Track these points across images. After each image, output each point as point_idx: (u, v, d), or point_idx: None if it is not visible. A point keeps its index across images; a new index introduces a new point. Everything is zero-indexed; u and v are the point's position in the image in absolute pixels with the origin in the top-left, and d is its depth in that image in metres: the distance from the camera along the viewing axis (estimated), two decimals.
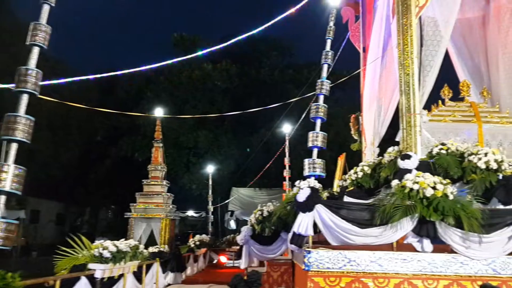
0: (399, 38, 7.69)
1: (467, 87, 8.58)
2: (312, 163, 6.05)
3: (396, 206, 5.18)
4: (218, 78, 27.31)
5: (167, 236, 13.15)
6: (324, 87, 6.37)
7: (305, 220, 5.39)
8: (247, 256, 7.84)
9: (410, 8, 7.61)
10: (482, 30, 9.60)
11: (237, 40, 9.28)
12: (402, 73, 7.48)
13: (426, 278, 5.15)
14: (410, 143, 7.16)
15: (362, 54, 10.70)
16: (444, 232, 5.15)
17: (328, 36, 6.75)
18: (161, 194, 13.84)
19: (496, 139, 7.79)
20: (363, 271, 5.20)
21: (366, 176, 7.60)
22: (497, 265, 5.18)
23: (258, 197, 23.76)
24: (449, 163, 6.39)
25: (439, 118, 7.92)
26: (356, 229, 5.31)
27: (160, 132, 14.75)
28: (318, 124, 6.23)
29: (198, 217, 29.11)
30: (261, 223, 7.74)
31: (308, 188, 5.48)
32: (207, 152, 26.68)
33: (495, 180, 5.99)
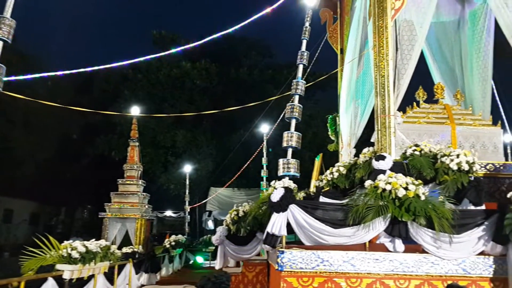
0: (374, 40, 7.76)
1: (441, 89, 8.70)
2: (286, 163, 6.04)
3: (369, 207, 5.22)
4: (197, 77, 27.13)
5: (143, 237, 12.97)
6: (300, 87, 6.37)
7: (278, 220, 5.38)
8: (222, 256, 7.80)
9: (386, 11, 7.69)
10: (457, 34, 9.75)
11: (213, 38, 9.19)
12: (378, 75, 7.56)
13: (398, 278, 5.20)
14: (384, 144, 7.22)
15: (339, 56, 10.76)
16: (416, 232, 5.20)
17: (304, 36, 6.77)
18: (136, 194, 13.64)
19: (469, 141, 7.92)
20: (336, 271, 5.21)
21: (341, 176, 7.65)
22: (467, 265, 5.26)
23: (237, 197, 23.71)
24: (422, 164, 6.47)
25: (414, 119, 8.01)
26: (329, 229, 5.32)
27: (136, 130, 14.53)
28: (293, 124, 6.23)
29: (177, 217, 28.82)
30: (236, 223, 7.71)
31: (282, 188, 5.46)
32: (185, 152, 26.48)
33: (467, 181, 6.09)
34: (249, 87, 27.30)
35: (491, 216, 5.34)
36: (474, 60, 9.32)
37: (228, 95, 26.87)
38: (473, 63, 9.34)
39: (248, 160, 17.24)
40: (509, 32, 7.68)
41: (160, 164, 26.95)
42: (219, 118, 26.00)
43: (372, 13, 7.99)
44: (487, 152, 7.86)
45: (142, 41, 31.27)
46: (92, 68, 10.03)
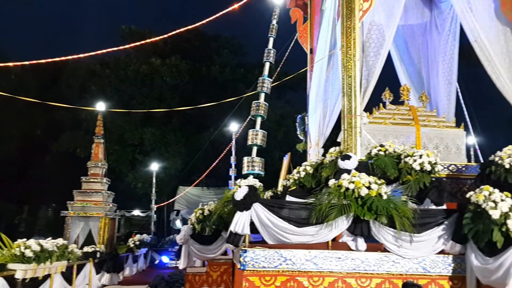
0: (343, 41, 7.80)
1: (407, 91, 8.82)
2: (251, 161, 5.98)
3: (332, 205, 5.21)
4: (167, 74, 26.76)
5: (106, 236, 12.66)
6: (266, 85, 6.32)
7: (242, 218, 5.32)
8: (186, 256, 7.69)
9: (354, 12, 7.73)
10: (424, 37, 9.91)
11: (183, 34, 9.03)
12: (345, 75, 7.60)
13: (360, 277, 5.21)
14: (350, 144, 7.26)
15: (309, 56, 10.77)
16: (378, 231, 5.23)
17: (271, 34, 6.73)
18: (100, 192, 13.32)
19: (433, 142, 8.05)
20: (299, 270, 5.18)
21: (308, 175, 7.66)
22: (427, 264, 5.33)
23: (206, 196, 23.50)
24: (386, 164, 6.53)
25: (380, 120, 8.08)
26: (293, 228, 5.29)
27: (101, 127, 14.20)
28: (258, 122, 6.18)
29: (144, 216, 28.36)
30: (201, 222, 7.61)
31: (246, 187, 5.39)
32: (154, 150, 26.09)
33: (429, 181, 6.18)
34: (221, 86, 27.14)
35: (451, 215, 5.43)
36: (440, 63, 9.49)
37: (199, 93, 26.60)
38: (438, 66, 9.51)
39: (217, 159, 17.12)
40: (473, 37, 7.86)
41: (128, 162, 26.47)
42: (189, 116, 25.74)
43: (341, 14, 8.02)
44: (450, 153, 8.02)
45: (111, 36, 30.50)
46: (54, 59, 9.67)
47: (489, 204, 4.93)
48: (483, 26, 7.82)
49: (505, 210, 4.86)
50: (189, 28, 9.06)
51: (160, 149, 26.13)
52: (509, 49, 7.91)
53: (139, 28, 28.36)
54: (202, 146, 22.11)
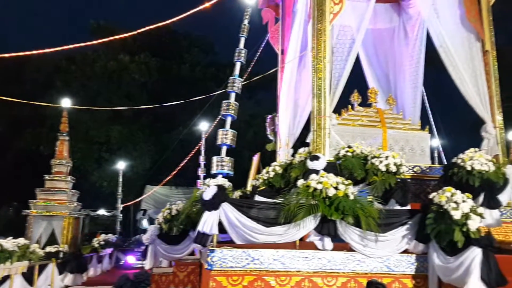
0: (313, 43, 7.87)
1: (375, 94, 8.98)
2: (220, 161, 5.95)
3: (300, 205, 5.26)
4: (135, 71, 26.33)
5: (70, 236, 12.33)
6: (236, 84, 6.32)
7: (210, 218, 5.28)
8: (152, 256, 7.55)
9: (325, 14, 7.82)
10: (392, 41, 10.10)
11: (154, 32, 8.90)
12: (315, 76, 7.68)
13: (326, 276, 5.27)
14: (319, 145, 7.34)
15: (280, 56, 10.80)
16: (344, 231, 5.31)
17: (242, 34, 6.72)
18: (64, 191, 12.97)
19: (399, 144, 8.23)
20: (266, 269, 5.20)
21: (277, 176, 7.70)
22: (391, 263, 5.45)
23: (174, 196, 23.20)
24: (353, 165, 6.64)
25: (348, 122, 8.20)
26: (261, 228, 5.31)
27: (66, 124, 13.83)
28: (228, 121, 6.16)
29: (110, 215, 27.77)
30: (169, 222, 7.50)
31: (214, 186, 5.36)
32: (121, 148, 25.60)
33: (394, 182, 6.33)
34: (191, 84, 26.88)
35: (415, 216, 5.57)
36: (407, 67, 9.72)
37: (168, 92, 26.26)
38: (405, 70, 9.73)
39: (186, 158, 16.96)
40: (438, 42, 8.11)
41: (93, 161, 25.86)
42: (158, 114, 25.40)
43: (312, 16, 8.10)
44: (415, 155, 8.22)
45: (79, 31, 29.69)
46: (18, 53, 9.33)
47: (451, 205, 5.09)
48: (449, 32, 8.08)
49: (466, 211, 5.03)
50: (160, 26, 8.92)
51: (127, 148, 25.65)
52: (473, 55, 8.20)
53: (108, 23, 27.77)
54: (171, 145, 21.87)
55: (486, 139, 7.88)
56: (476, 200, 6.06)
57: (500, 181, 6.43)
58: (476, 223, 4.96)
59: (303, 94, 9.25)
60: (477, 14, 8.32)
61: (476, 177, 6.28)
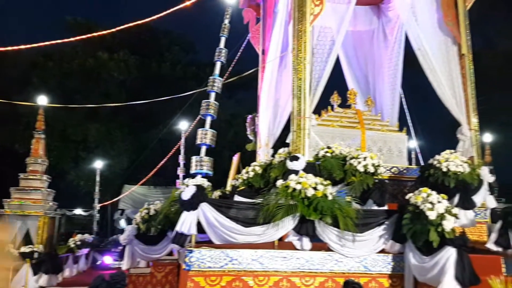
0: (294, 44, 7.90)
1: (354, 95, 9.05)
2: (199, 160, 5.91)
3: (279, 206, 5.27)
4: (114, 68, 25.93)
5: (45, 236, 12.07)
6: (216, 84, 6.29)
7: (188, 218, 5.25)
8: (130, 256, 7.46)
9: (305, 16, 7.86)
10: (371, 43, 10.20)
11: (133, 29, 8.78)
12: (295, 77, 7.71)
13: (304, 275, 5.30)
14: (299, 145, 7.38)
15: (261, 56, 10.80)
16: (322, 231, 5.34)
17: (223, 34, 6.70)
18: (40, 190, 12.68)
19: (377, 145, 8.32)
20: (244, 269, 5.19)
21: (257, 176, 7.70)
22: (368, 262, 5.51)
23: (152, 195, 22.94)
24: (332, 165, 6.69)
25: (328, 123, 8.25)
26: (239, 228, 5.30)
27: (42, 122, 13.51)
28: (208, 121, 6.13)
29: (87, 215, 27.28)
30: (147, 222, 7.42)
31: (193, 186, 5.33)
32: (98, 147, 25.18)
33: (372, 182, 6.40)
34: (171, 83, 26.60)
35: (392, 216, 5.65)
36: (385, 69, 9.83)
37: (147, 90, 25.94)
38: (384, 72, 9.85)
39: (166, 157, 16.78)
40: (416, 45, 8.23)
41: (70, 159, 25.37)
42: (137, 113, 25.09)
43: (293, 17, 8.13)
44: (392, 156, 8.33)
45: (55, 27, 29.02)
46: None
47: (426, 206, 5.18)
48: (426, 35, 8.22)
49: (441, 211, 5.13)
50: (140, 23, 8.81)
51: (105, 146, 25.23)
52: (450, 58, 8.36)
53: (85, 20, 27.27)
54: (150, 144, 21.63)
55: (462, 141, 8.04)
56: (452, 201, 6.19)
57: (474, 182, 6.56)
58: (450, 224, 5.05)
59: (283, 94, 9.27)
60: (454, 18, 8.48)
61: (452, 178, 6.40)
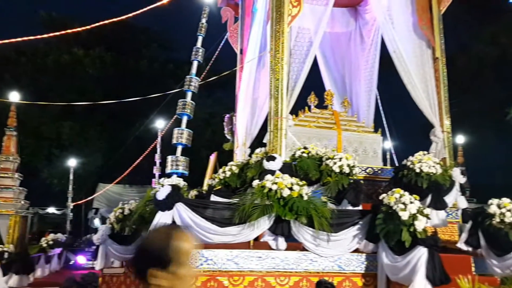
0: (271, 44, 7.93)
1: (331, 96, 9.15)
2: (175, 160, 5.87)
3: (255, 206, 5.27)
4: (90, 65, 25.43)
5: (16, 235, 11.78)
6: (193, 83, 6.26)
7: (163, 218, 5.21)
8: (103, 256, 7.34)
9: (283, 16, 7.89)
10: (348, 45, 10.31)
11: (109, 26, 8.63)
12: (273, 77, 7.74)
13: (279, 275, 5.32)
14: (276, 145, 7.41)
15: (239, 56, 10.79)
16: (298, 231, 5.38)
17: (200, 33, 6.67)
18: (11, 188, 12.38)
19: (352, 146, 8.43)
20: (219, 269, 5.18)
21: (233, 175, 7.70)
22: (342, 262, 5.58)
23: (128, 194, 22.61)
24: (309, 166, 6.74)
25: (305, 123, 8.31)
26: (215, 228, 5.28)
27: (14, 119, 13.18)
28: (184, 120, 6.09)
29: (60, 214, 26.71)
30: (121, 222, 7.31)
31: (168, 186, 5.28)
32: (72, 145, 24.68)
33: (347, 183, 6.48)
34: (149, 81, 26.27)
35: (365, 216, 5.73)
36: (362, 71, 9.95)
37: (124, 88, 25.53)
38: (360, 74, 9.97)
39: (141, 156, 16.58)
40: (392, 47, 8.36)
41: (43, 157, 24.78)
42: (113, 110, 24.68)
43: (271, 18, 8.15)
44: (367, 157, 8.45)
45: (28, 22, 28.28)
46: None
47: (399, 206, 5.28)
48: (402, 38, 8.36)
49: (413, 211, 5.23)
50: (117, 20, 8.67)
51: (79, 144, 24.74)
52: (424, 61, 8.53)
53: (60, 15, 26.65)
54: (125, 142, 21.33)
55: (435, 142, 8.21)
56: (424, 201, 6.31)
57: (446, 183, 6.71)
58: (422, 224, 5.16)
59: (261, 94, 9.28)
60: (428, 22, 8.66)
61: (424, 179, 6.54)
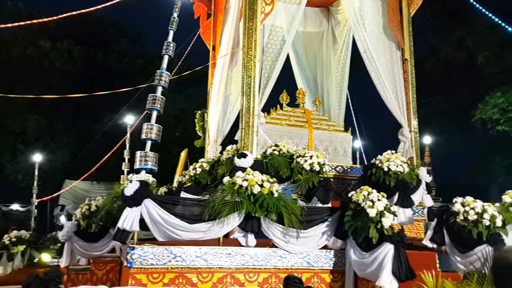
0: (244, 41, 7.91)
1: (303, 95, 9.22)
2: (144, 155, 5.77)
3: (225, 202, 5.25)
4: (57, 58, 24.69)
5: None
6: (163, 78, 6.15)
7: (131, 214, 5.11)
8: (69, 253, 7.17)
9: (256, 14, 7.89)
10: (320, 45, 10.42)
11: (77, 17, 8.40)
12: (245, 74, 7.73)
13: (248, 272, 5.32)
14: (247, 143, 7.41)
15: (211, 52, 10.73)
16: (268, 227, 5.39)
17: (171, 27, 6.58)
18: None
19: (323, 144, 8.52)
20: (188, 266, 5.13)
21: (204, 172, 7.66)
22: (311, 258, 5.63)
23: (95, 191, 22.18)
24: (280, 163, 6.77)
25: (276, 121, 8.34)
26: (184, 225, 5.23)
27: None
28: (154, 115, 6.00)
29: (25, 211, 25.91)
30: (87, 218, 7.16)
31: (137, 182, 5.19)
32: (38, 140, 23.95)
33: (317, 180, 6.54)
34: (118, 76, 25.75)
35: (334, 213, 5.79)
36: (333, 71, 10.08)
37: (93, 82, 24.93)
38: (332, 73, 10.09)
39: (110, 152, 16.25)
40: (362, 48, 8.48)
41: (8, 152, 23.96)
42: (81, 105, 24.11)
43: (243, 14, 8.13)
44: (338, 155, 8.56)
45: None
46: None
47: (367, 203, 5.36)
48: (372, 39, 8.49)
49: (381, 209, 5.32)
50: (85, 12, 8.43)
51: (45, 139, 24.03)
52: (393, 63, 8.69)
53: (26, 6, 25.78)
54: (93, 138, 20.84)
55: (403, 142, 8.38)
56: (391, 199, 6.45)
57: (413, 181, 6.87)
58: (389, 221, 5.26)
59: (234, 91, 9.27)
60: (398, 23, 8.83)
61: (392, 178, 6.67)
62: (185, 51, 12.37)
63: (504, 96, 19.28)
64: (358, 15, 8.51)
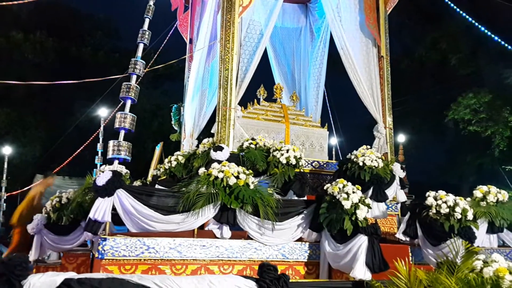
0: (222, 34, 7.86)
1: (280, 90, 9.21)
2: (117, 145, 5.63)
3: (200, 194, 5.19)
4: (29, 50, 24.02)
5: None
6: (138, 67, 6.02)
7: (103, 205, 4.99)
8: (38, 247, 6.96)
9: (234, 6, 7.86)
10: (298, 41, 10.44)
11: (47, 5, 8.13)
12: (222, 67, 7.69)
13: (223, 264, 5.27)
14: (223, 136, 7.37)
15: (188, 45, 10.62)
16: (243, 219, 5.35)
17: (147, 15, 6.44)
18: None
19: (300, 140, 8.54)
20: (161, 258, 5.05)
21: (180, 165, 7.59)
22: (286, 251, 5.62)
23: (68, 186, 21.61)
24: (256, 157, 6.75)
25: (253, 115, 8.31)
26: (158, 216, 5.14)
27: None
28: (128, 104, 5.86)
29: None
30: (58, 211, 6.96)
31: (109, 172, 5.06)
32: (9, 133, 23.25)
33: (293, 174, 6.55)
34: (93, 69, 25.19)
35: (310, 206, 5.80)
36: (311, 67, 10.11)
37: (66, 75, 24.30)
38: (310, 69, 10.13)
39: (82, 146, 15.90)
40: (340, 45, 8.54)
41: None
42: (53, 98, 23.56)
43: (221, 7, 8.07)
44: (314, 150, 8.59)
45: None
46: None
47: (342, 196, 5.39)
48: (349, 36, 8.55)
49: (355, 201, 5.37)
50: None
51: (16, 133, 23.36)
52: (370, 59, 8.78)
53: None
54: (66, 131, 20.36)
55: (377, 138, 8.48)
56: (366, 194, 6.51)
57: (387, 176, 6.96)
58: (363, 213, 5.30)
59: (211, 84, 9.18)
60: (375, 21, 8.92)
61: (367, 172, 6.74)
62: (161, 45, 12.21)
63: (476, 97, 19.81)
64: (335, 11, 8.56)
